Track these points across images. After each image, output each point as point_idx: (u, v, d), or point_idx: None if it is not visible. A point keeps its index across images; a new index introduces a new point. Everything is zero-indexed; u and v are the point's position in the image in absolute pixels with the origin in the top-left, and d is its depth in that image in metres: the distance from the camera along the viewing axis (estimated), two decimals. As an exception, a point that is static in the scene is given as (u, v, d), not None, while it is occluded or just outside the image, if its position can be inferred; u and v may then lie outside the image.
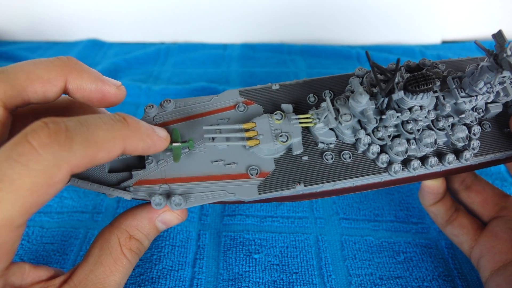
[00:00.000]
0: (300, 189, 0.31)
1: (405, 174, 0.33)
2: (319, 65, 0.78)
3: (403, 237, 0.46)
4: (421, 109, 0.32)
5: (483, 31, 0.94)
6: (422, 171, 0.34)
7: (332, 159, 0.33)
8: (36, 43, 0.91)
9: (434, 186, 0.39)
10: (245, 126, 0.33)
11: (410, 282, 0.41)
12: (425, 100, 0.32)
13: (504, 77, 0.31)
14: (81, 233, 0.46)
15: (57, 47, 0.86)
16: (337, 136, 0.34)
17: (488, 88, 0.32)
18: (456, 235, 0.39)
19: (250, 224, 0.47)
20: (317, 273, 0.42)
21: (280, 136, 0.32)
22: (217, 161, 0.32)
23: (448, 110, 0.33)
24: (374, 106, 0.32)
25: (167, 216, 0.32)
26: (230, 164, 0.32)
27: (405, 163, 0.33)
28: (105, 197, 0.51)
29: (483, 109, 0.36)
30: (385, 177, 0.33)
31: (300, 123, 0.33)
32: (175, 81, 0.78)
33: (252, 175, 0.32)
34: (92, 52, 0.85)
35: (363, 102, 0.31)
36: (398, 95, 0.31)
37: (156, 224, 0.31)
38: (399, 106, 0.32)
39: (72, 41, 0.89)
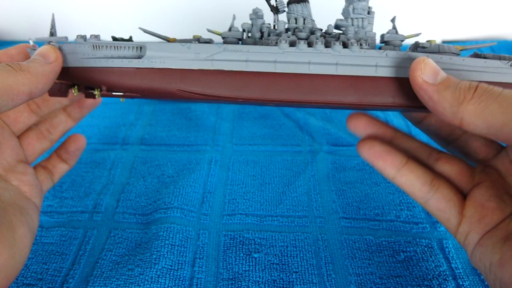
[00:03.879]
0: None
1: (293, 50, 0.33)
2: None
3: (404, 236, 0.46)
4: (304, 21, 0.37)
5: (483, 31, 0.94)
6: (310, 50, 0.34)
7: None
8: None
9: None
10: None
11: (410, 281, 0.41)
12: (305, 11, 0.36)
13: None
14: (80, 233, 0.46)
15: (57, 47, 0.86)
16: None
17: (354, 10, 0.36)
18: (442, 209, 0.35)
19: (250, 223, 0.47)
20: (317, 272, 0.42)
21: None
22: None
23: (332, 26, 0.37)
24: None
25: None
26: None
27: (293, 45, 0.34)
28: (105, 196, 0.51)
29: (373, 39, 0.37)
30: (277, 56, 0.34)
31: None
32: (175, 81, 0.78)
33: None
34: (92, 52, 0.85)
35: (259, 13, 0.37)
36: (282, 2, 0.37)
37: None
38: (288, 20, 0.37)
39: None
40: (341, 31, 0.37)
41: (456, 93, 0.29)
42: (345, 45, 0.34)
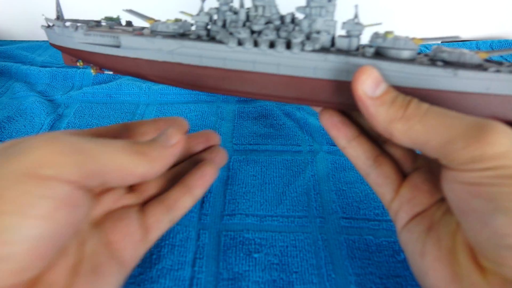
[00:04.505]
0: None
1: (240, 50, 0.36)
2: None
3: (403, 236, 0.46)
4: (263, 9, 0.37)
5: (483, 31, 0.94)
6: (254, 51, 0.36)
7: None
8: (36, 42, 0.91)
9: None
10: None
11: (410, 281, 0.41)
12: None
13: None
14: (80, 233, 0.46)
15: (57, 47, 0.86)
16: None
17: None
18: (380, 184, 0.38)
19: (250, 223, 0.47)
20: (317, 272, 0.42)
21: None
22: None
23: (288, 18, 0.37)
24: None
25: None
26: None
27: (241, 43, 0.37)
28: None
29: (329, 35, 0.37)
30: (227, 54, 0.36)
31: None
32: (175, 80, 0.78)
33: None
34: (92, 51, 0.85)
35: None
36: None
37: None
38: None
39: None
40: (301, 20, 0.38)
41: (389, 111, 0.31)
42: (289, 45, 0.36)
